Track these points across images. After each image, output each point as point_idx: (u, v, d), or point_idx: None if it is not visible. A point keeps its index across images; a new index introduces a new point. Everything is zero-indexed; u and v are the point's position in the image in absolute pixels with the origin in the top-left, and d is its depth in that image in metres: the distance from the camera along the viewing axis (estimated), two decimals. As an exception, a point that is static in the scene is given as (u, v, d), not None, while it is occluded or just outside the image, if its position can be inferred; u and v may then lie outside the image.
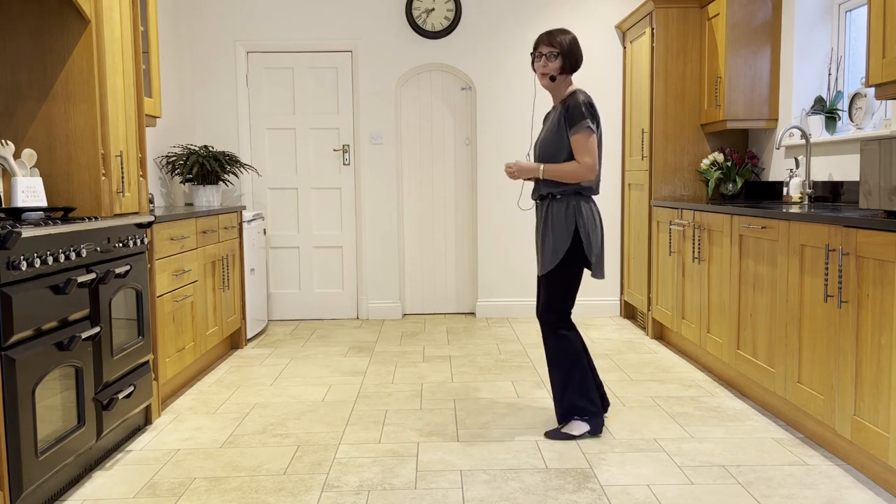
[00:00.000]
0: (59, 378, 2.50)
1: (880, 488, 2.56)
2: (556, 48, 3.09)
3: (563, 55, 3.09)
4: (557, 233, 3.08)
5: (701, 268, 4.06)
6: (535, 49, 3.15)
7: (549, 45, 3.10)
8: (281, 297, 5.79)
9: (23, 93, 3.02)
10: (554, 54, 3.09)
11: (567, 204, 3.09)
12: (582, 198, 3.11)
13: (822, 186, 4.02)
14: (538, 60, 3.12)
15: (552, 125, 3.14)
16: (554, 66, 3.10)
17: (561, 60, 3.10)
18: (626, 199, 5.60)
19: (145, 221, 3.20)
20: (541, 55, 3.12)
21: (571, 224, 3.06)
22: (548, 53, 3.10)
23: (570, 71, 3.13)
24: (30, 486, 2.30)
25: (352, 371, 4.20)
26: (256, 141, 5.71)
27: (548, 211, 3.13)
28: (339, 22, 5.61)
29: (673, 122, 4.93)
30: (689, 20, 4.86)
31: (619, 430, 3.17)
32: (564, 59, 3.10)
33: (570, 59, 3.11)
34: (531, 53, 3.17)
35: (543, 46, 3.11)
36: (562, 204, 3.10)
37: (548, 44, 3.10)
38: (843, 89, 4.09)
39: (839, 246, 2.70)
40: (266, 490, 2.61)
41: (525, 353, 4.58)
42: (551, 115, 3.23)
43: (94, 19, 3.02)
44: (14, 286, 2.25)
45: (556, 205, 3.11)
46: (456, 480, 2.67)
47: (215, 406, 3.59)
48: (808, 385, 2.96)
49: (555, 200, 3.12)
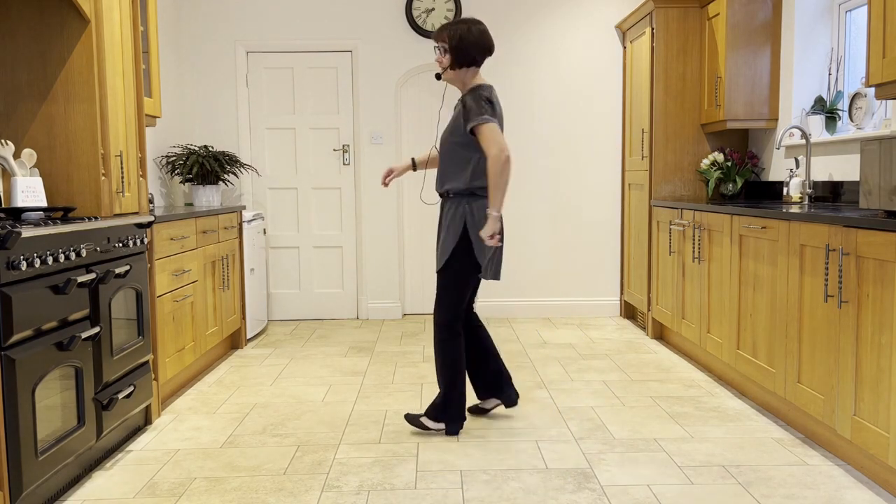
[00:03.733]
0: (59, 378, 2.50)
1: (880, 488, 2.56)
2: (445, 42, 3.00)
3: (452, 49, 3.00)
4: (451, 233, 3.06)
5: (701, 268, 4.06)
6: None
7: (439, 38, 3.01)
8: (281, 297, 5.79)
9: (23, 93, 3.02)
10: (443, 48, 3.02)
11: (458, 203, 3.06)
12: (475, 198, 3.05)
13: (822, 186, 4.02)
14: (435, 54, 3.06)
15: (451, 124, 3.08)
16: (445, 61, 3.03)
17: (451, 55, 3.01)
18: (626, 199, 5.61)
19: (145, 221, 3.20)
20: (436, 49, 3.05)
21: (461, 225, 3.04)
22: (438, 47, 3.03)
23: (460, 65, 3.02)
24: (30, 486, 2.30)
25: (352, 371, 4.20)
26: (256, 141, 5.71)
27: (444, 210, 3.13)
28: (339, 22, 5.61)
29: (673, 122, 4.93)
30: (689, 20, 4.86)
31: (619, 430, 3.17)
32: (454, 54, 3.00)
33: (460, 54, 2.99)
34: None
35: (436, 40, 3.03)
36: (454, 203, 3.07)
37: (438, 38, 3.02)
38: (843, 89, 4.09)
39: (839, 246, 2.70)
40: (266, 490, 2.61)
41: (525, 353, 4.58)
42: (452, 113, 3.18)
43: (94, 19, 3.02)
44: (14, 286, 2.25)
45: (448, 203, 3.10)
46: (456, 480, 2.67)
47: (215, 406, 3.59)
48: (808, 385, 2.96)
49: (448, 199, 3.10)
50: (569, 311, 5.75)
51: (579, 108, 5.67)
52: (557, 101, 5.66)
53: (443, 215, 3.14)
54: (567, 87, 5.65)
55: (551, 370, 4.16)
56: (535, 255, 5.74)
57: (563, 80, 5.65)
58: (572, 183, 5.71)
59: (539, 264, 5.74)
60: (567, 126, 5.68)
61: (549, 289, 5.75)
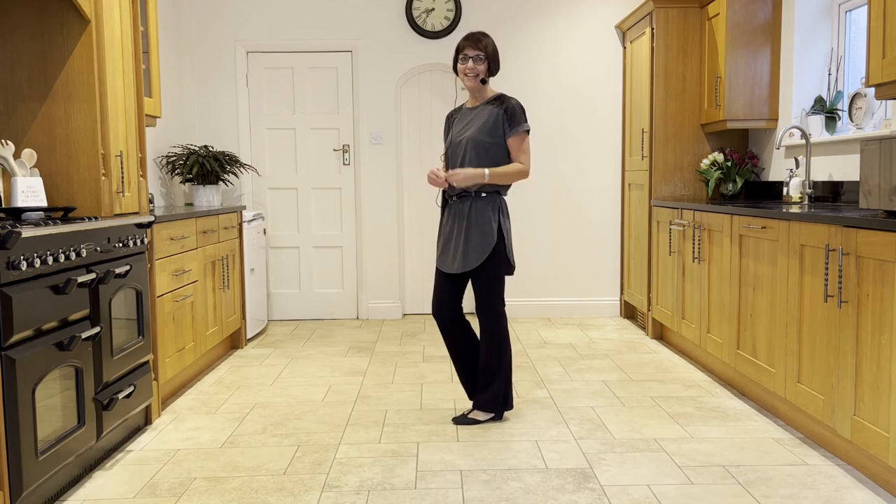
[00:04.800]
0: (59, 378, 2.50)
1: (880, 488, 2.56)
2: (482, 52, 3.23)
3: (490, 59, 3.25)
4: (485, 229, 3.21)
5: (701, 268, 4.06)
6: (460, 51, 3.26)
7: (475, 48, 3.23)
8: (281, 297, 5.79)
9: (23, 93, 3.02)
10: (481, 58, 3.23)
11: (492, 201, 3.24)
12: (501, 196, 3.29)
13: (822, 186, 4.02)
14: (464, 62, 3.24)
15: (485, 125, 3.24)
16: (482, 69, 3.24)
17: (487, 63, 3.25)
18: (626, 199, 5.61)
19: (145, 221, 3.20)
20: (467, 57, 3.24)
21: (496, 220, 3.23)
22: (474, 56, 3.23)
23: (492, 74, 3.29)
24: (30, 486, 2.30)
25: (352, 371, 4.20)
26: (256, 141, 5.71)
27: (471, 208, 3.24)
28: (339, 22, 5.61)
29: (673, 122, 4.93)
30: (689, 20, 4.86)
31: (619, 430, 3.17)
32: (490, 63, 3.25)
33: (495, 63, 3.27)
34: (456, 55, 3.29)
35: (470, 49, 3.23)
36: (486, 201, 3.23)
37: (475, 47, 3.23)
38: (843, 89, 4.09)
39: (839, 246, 2.70)
40: (266, 490, 2.61)
41: (525, 353, 4.58)
42: (476, 115, 3.30)
43: (93, 19, 3.02)
44: (14, 286, 2.25)
45: (480, 202, 3.24)
46: (456, 480, 2.67)
47: (215, 406, 3.59)
48: (807, 385, 2.96)
49: (479, 198, 3.24)
50: (569, 311, 5.75)
51: (579, 108, 5.67)
52: (557, 101, 5.66)
53: (460, 214, 3.25)
54: (567, 87, 5.65)
55: (551, 370, 4.16)
56: (535, 255, 5.74)
57: (563, 81, 5.65)
58: (572, 183, 5.71)
59: (539, 264, 5.74)
60: (567, 126, 5.68)
61: (549, 289, 5.75)
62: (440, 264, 3.32)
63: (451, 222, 3.29)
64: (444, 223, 3.34)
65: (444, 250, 3.31)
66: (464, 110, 3.37)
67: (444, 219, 3.34)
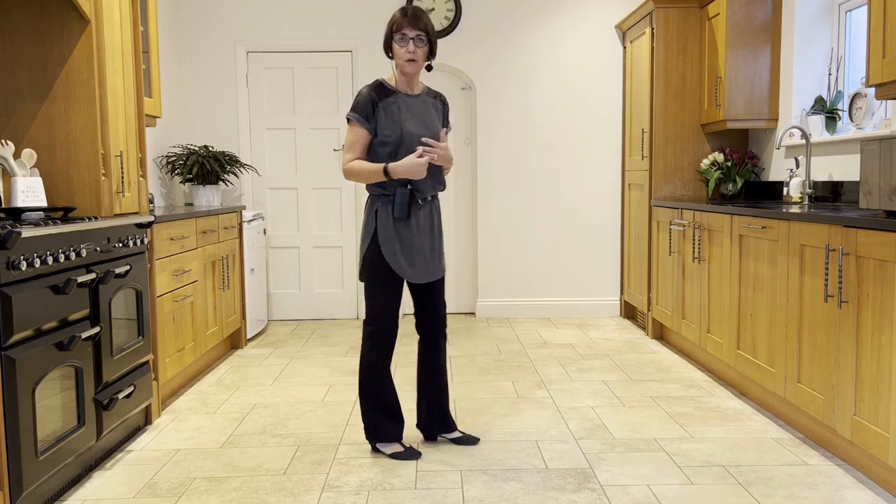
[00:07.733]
0: (59, 378, 2.50)
1: (880, 488, 2.56)
2: (423, 31, 2.73)
3: (431, 40, 2.77)
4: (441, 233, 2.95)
5: (701, 268, 4.06)
6: (397, 29, 2.74)
7: (415, 27, 2.71)
8: (281, 297, 5.79)
9: (23, 93, 3.02)
10: (422, 38, 2.74)
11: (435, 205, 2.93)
12: None
13: (822, 186, 4.02)
14: (403, 44, 2.73)
15: (435, 117, 2.88)
16: (423, 52, 2.76)
17: (429, 45, 2.77)
18: (626, 199, 5.61)
19: (145, 221, 3.20)
20: (406, 38, 2.73)
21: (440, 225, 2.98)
22: (415, 37, 2.73)
23: (433, 57, 2.82)
24: (30, 486, 2.30)
25: (352, 371, 4.20)
26: (256, 141, 5.71)
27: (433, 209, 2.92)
28: (339, 22, 5.61)
29: (673, 122, 4.93)
30: (689, 20, 4.86)
31: (619, 430, 3.17)
32: (431, 46, 2.78)
33: (434, 45, 2.80)
34: (389, 33, 2.77)
35: (410, 29, 2.72)
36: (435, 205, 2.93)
37: (415, 26, 2.71)
38: (843, 89, 4.09)
39: (839, 246, 2.70)
40: (266, 490, 2.61)
41: (525, 353, 4.58)
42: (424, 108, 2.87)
43: (93, 19, 3.02)
44: (14, 286, 2.25)
45: (437, 201, 2.94)
46: (456, 480, 2.67)
47: (215, 406, 3.59)
48: (807, 385, 2.96)
49: (436, 200, 2.93)
50: (569, 311, 5.75)
51: (579, 108, 5.67)
52: (557, 102, 5.66)
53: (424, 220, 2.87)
54: (567, 87, 5.65)
55: (551, 370, 4.16)
56: (535, 255, 5.74)
57: (563, 80, 5.65)
58: (572, 183, 5.71)
59: (539, 264, 5.74)
60: (567, 126, 5.67)
61: (549, 289, 5.75)
62: (413, 276, 2.83)
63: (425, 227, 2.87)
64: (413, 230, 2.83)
65: (418, 259, 2.84)
66: (401, 96, 2.81)
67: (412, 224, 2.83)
